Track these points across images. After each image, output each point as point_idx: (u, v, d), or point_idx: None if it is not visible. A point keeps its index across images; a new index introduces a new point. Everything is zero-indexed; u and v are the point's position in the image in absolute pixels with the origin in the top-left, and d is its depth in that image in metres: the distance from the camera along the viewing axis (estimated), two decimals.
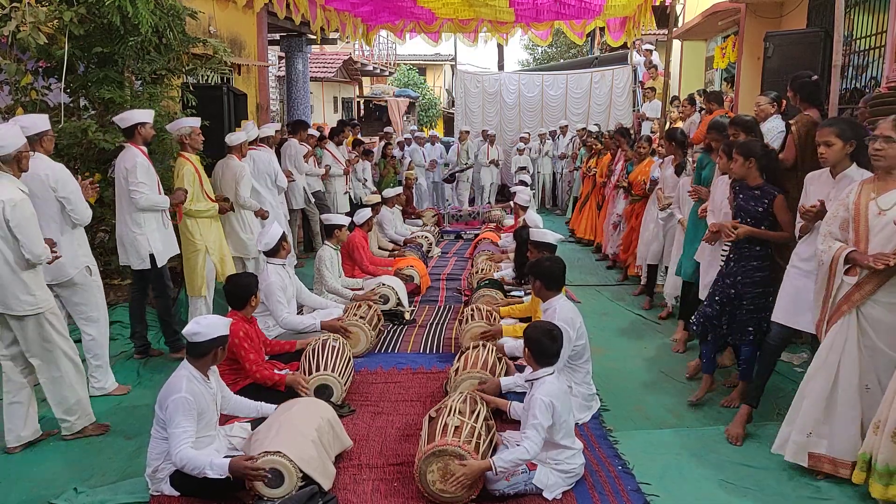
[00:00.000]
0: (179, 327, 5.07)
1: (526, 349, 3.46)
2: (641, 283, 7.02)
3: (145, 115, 4.97)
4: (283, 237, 5.25)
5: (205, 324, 3.29)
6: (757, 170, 4.07)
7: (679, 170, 6.05)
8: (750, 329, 4.11)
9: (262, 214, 6.33)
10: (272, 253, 5.18)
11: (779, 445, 3.57)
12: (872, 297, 3.21)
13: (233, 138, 6.16)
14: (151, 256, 4.97)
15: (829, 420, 3.36)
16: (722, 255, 4.37)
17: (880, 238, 3.17)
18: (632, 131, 9.71)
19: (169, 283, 5.21)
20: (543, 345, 3.39)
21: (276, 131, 8.05)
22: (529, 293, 5.54)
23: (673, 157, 6.20)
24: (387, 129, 13.86)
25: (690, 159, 6.07)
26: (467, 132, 13.51)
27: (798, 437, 3.44)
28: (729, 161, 4.54)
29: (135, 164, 4.81)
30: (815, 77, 4.82)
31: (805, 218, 3.62)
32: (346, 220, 6.44)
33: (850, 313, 3.29)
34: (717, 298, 4.23)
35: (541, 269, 4.17)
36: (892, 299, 3.18)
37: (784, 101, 5.20)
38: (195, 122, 5.49)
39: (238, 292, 4.31)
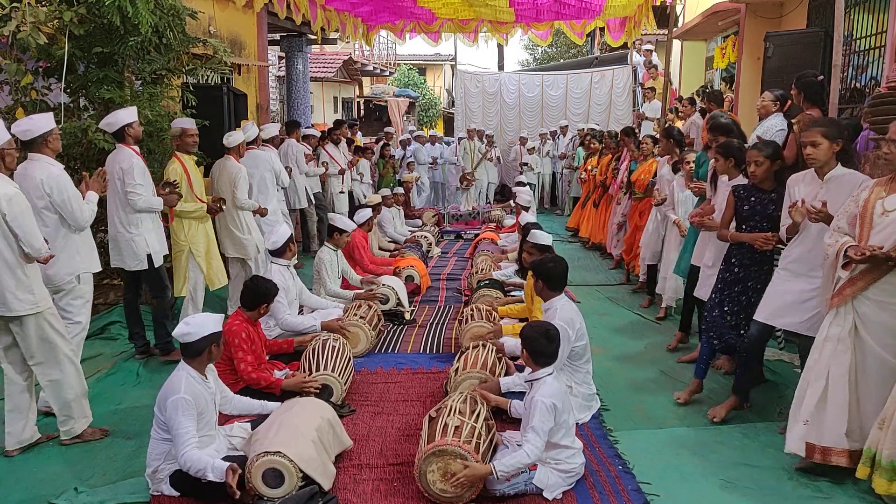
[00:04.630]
0: (172, 330, 5.08)
1: (523, 349, 3.47)
2: (640, 279, 7.06)
3: (130, 115, 4.87)
4: (291, 238, 5.25)
5: (194, 323, 3.29)
6: (772, 172, 4.04)
7: (675, 168, 6.10)
8: None
9: (260, 212, 6.24)
10: (278, 253, 5.19)
11: (787, 442, 3.54)
12: (864, 294, 3.29)
13: (230, 139, 6.10)
14: (149, 256, 4.93)
15: (820, 409, 3.39)
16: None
17: (880, 237, 3.22)
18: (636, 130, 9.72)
19: (167, 284, 5.18)
20: (541, 344, 3.39)
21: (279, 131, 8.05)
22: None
23: (669, 156, 6.25)
24: (387, 129, 13.85)
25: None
26: (474, 130, 13.50)
27: (796, 426, 3.46)
28: (725, 163, 4.53)
29: (132, 165, 4.76)
30: (821, 77, 4.84)
31: (812, 219, 3.61)
32: (352, 227, 6.41)
33: (844, 307, 3.35)
34: (726, 309, 4.19)
35: (545, 270, 4.16)
36: (882, 297, 3.25)
37: (788, 101, 5.20)
38: (186, 123, 5.43)
39: (255, 291, 4.32)
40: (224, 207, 5.72)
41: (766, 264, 4.10)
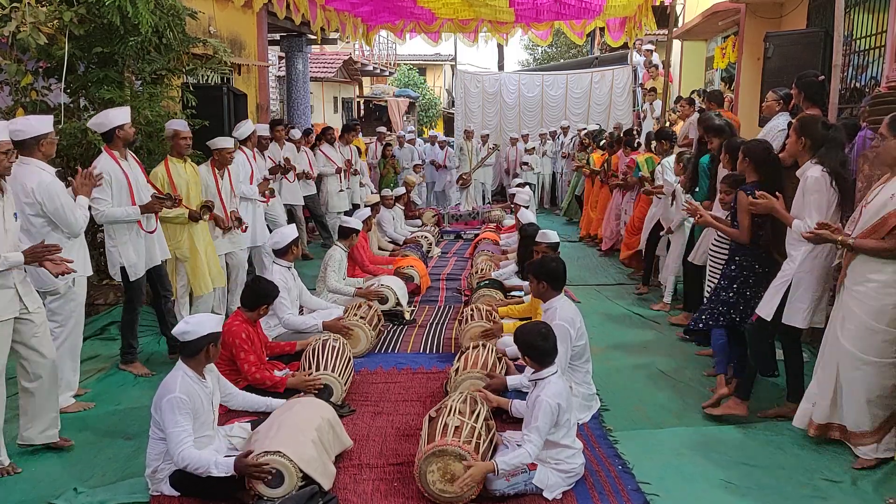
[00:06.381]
0: (136, 343, 5.00)
1: (523, 356, 3.47)
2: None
3: (123, 116, 4.58)
4: (295, 241, 5.23)
5: (193, 322, 3.29)
6: (753, 170, 4.10)
7: (679, 158, 6.32)
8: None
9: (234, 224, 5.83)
10: (281, 254, 5.19)
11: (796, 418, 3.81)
12: (844, 284, 3.45)
13: (211, 142, 5.72)
14: (123, 269, 4.67)
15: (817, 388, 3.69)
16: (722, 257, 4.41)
17: (857, 228, 3.39)
18: (635, 130, 9.79)
19: (138, 299, 4.88)
20: (538, 346, 3.38)
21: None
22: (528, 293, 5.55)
23: (663, 154, 6.47)
24: (379, 129, 13.81)
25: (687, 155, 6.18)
26: (472, 131, 13.49)
27: (804, 404, 3.76)
28: (730, 161, 4.59)
29: (99, 175, 4.35)
30: (822, 77, 4.84)
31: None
32: (359, 225, 6.40)
33: (838, 296, 3.55)
34: (723, 298, 4.23)
35: (546, 270, 4.14)
36: (850, 284, 3.40)
37: (793, 100, 5.21)
38: (178, 124, 5.20)
39: (257, 292, 4.31)
40: (206, 215, 5.36)
41: (756, 262, 4.13)
